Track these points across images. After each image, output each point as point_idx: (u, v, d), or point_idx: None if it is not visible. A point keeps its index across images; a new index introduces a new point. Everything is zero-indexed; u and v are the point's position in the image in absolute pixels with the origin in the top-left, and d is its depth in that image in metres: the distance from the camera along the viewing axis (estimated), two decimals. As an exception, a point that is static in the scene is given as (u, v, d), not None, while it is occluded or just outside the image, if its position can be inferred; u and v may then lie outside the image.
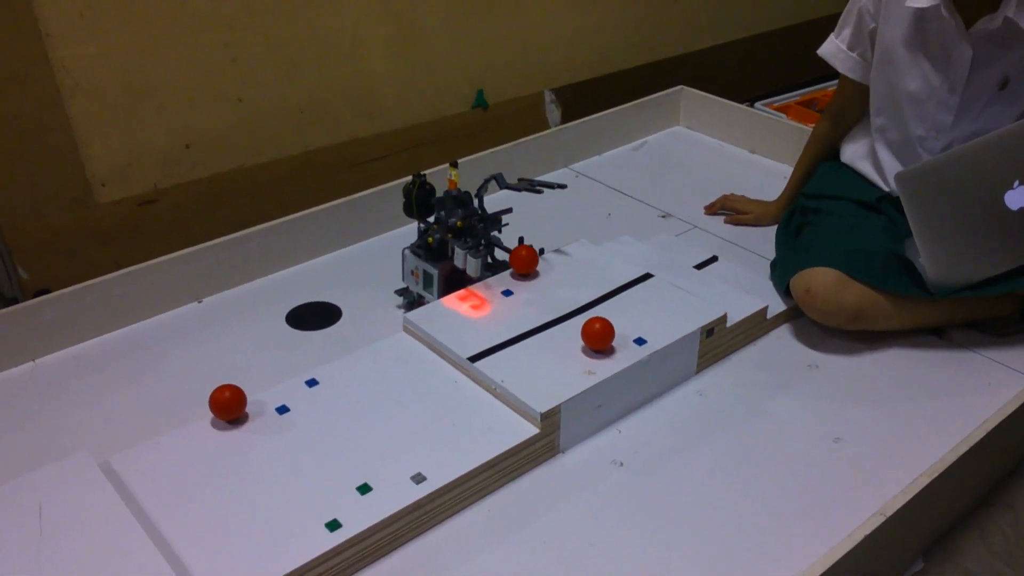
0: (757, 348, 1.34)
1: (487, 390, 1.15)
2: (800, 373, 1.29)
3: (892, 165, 1.42)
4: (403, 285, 1.42)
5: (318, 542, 0.93)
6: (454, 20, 2.02)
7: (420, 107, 2.04)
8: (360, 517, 0.96)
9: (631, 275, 1.34)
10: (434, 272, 1.33)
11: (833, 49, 1.46)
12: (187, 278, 1.44)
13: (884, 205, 1.42)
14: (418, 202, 1.33)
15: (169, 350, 1.34)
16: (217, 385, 1.09)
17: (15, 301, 1.59)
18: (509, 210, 1.36)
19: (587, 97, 2.25)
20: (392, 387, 1.16)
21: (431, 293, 1.35)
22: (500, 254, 1.41)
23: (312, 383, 1.16)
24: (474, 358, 1.17)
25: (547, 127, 2.21)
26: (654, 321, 1.24)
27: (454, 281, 1.34)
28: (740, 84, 2.50)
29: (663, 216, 1.70)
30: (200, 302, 1.46)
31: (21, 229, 1.62)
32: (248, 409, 1.11)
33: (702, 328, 1.24)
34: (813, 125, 1.61)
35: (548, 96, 2.24)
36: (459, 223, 1.30)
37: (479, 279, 1.32)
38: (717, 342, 1.28)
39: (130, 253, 1.54)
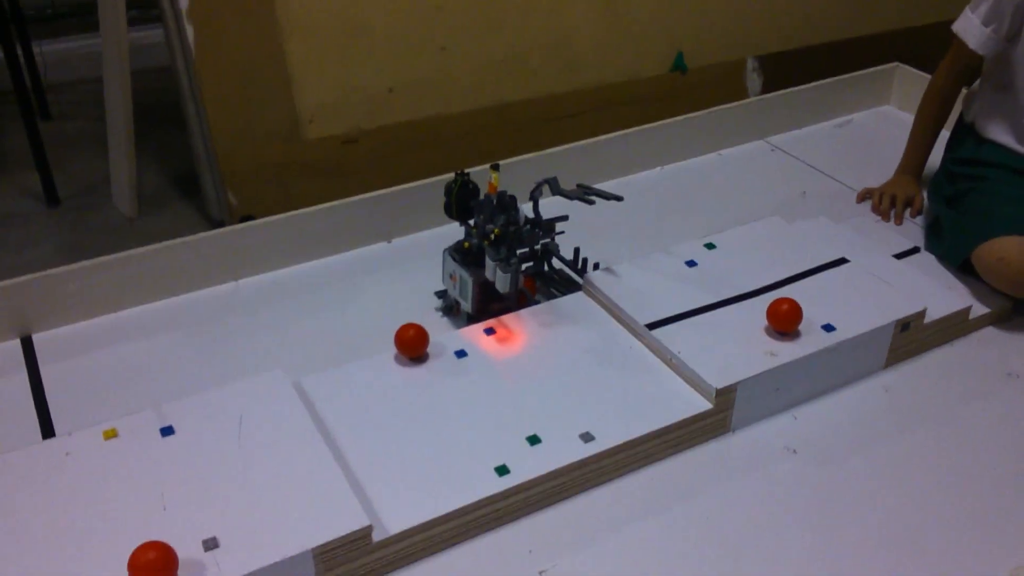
0: (953, 349, 1.26)
1: (662, 359, 1.14)
2: (999, 381, 1.20)
3: None
4: (443, 287, 1.32)
5: (487, 484, 0.96)
6: (660, -20, 1.98)
7: (617, 66, 2.02)
8: (528, 466, 0.98)
9: (825, 258, 1.29)
10: (468, 280, 1.22)
11: (967, 24, 1.43)
12: (379, 218, 1.49)
13: None
14: (458, 202, 1.22)
15: (358, 285, 1.40)
16: (400, 323, 1.14)
17: (222, 224, 1.71)
18: (565, 217, 1.25)
19: (791, 67, 2.16)
20: (566, 345, 1.17)
21: (466, 300, 1.25)
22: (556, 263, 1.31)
23: (490, 332, 1.19)
24: (652, 325, 1.16)
25: (746, 96, 2.14)
26: (846, 308, 1.18)
27: (490, 292, 1.23)
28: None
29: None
30: (390, 242, 1.52)
31: (233, 157, 1.73)
32: (428, 350, 1.14)
33: (898, 321, 1.17)
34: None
35: (751, 63, 2.16)
36: (496, 231, 1.17)
37: (508, 295, 1.20)
38: (911, 338, 1.21)
39: (330, 188, 1.62)
